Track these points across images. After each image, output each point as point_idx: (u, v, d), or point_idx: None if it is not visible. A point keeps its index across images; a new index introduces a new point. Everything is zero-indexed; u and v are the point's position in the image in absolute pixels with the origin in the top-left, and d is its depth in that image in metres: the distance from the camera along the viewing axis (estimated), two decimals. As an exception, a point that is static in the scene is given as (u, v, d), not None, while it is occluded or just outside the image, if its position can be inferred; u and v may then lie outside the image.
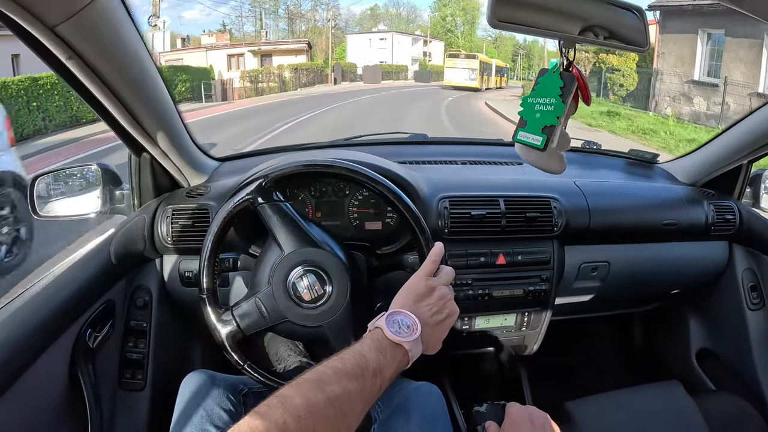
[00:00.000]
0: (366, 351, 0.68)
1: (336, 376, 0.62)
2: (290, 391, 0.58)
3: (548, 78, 0.80)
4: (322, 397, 0.58)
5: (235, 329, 0.95)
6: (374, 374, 0.66)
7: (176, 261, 1.29)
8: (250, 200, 0.98)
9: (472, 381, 1.59)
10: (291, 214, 1.00)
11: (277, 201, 0.99)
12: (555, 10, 0.75)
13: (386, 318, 0.76)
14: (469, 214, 1.29)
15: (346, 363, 0.65)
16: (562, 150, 0.84)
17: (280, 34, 49.27)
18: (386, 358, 0.70)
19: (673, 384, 1.32)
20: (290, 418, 0.54)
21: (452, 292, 0.88)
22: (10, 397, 0.85)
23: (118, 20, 0.88)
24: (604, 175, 1.62)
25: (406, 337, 0.74)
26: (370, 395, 0.65)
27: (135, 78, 0.99)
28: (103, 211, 1.31)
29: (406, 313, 0.78)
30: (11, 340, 0.87)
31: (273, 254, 1.00)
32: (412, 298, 0.82)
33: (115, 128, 1.12)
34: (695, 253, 1.54)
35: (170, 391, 1.10)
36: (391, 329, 0.74)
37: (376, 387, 0.66)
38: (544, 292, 1.37)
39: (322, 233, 1.03)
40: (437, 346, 0.85)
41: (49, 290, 1.01)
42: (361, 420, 0.64)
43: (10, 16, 0.74)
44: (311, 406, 0.57)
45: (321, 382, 0.60)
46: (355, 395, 0.62)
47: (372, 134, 1.72)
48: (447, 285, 0.89)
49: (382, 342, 0.72)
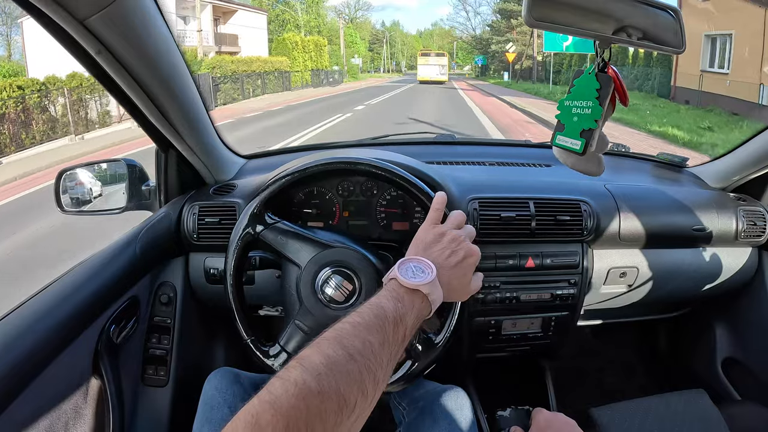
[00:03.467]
0: (383, 302, 0.64)
1: (355, 330, 0.57)
2: (309, 352, 0.53)
3: (584, 80, 0.76)
4: (343, 352, 0.54)
5: (286, 357, 0.94)
6: (395, 323, 0.62)
7: (202, 258, 1.27)
8: (250, 233, 0.96)
9: (496, 385, 1.55)
10: (290, 228, 0.98)
11: (272, 224, 0.97)
12: (590, 9, 0.71)
13: (398, 267, 0.71)
14: (499, 216, 1.25)
15: (365, 316, 0.60)
16: (601, 152, 0.81)
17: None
18: (405, 305, 0.66)
19: (699, 393, 1.28)
20: (309, 376, 0.49)
21: (466, 235, 0.82)
22: (33, 390, 0.83)
23: (149, 14, 0.85)
24: (633, 178, 1.56)
25: (421, 280, 0.69)
26: (394, 345, 0.61)
27: (164, 73, 0.96)
28: (128, 207, 1.30)
29: (419, 258, 0.74)
30: (36, 333, 0.86)
31: (293, 273, 0.98)
32: (422, 247, 0.78)
33: (143, 124, 1.10)
34: (724, 260, 1.48)
35: (193, 387, 1.08)
36: (405, 276, 0.69)
37: (399, 336, 0.62)
38: (572, 297, 1.33)
39: (328, 234, 1.01)
40: (462, 291, 0.80)
41: (74, 285, 0.99)
42: (389, 374, 0.60)
43: (40, 8, 0.72)
44: (331, 362, 0.52)
45: (340, 338, 0.56)
46: (378, 347, 0.57)
47: (399, 134, 1.69)
48: (458, 228, 0.83)
49: (398, 290, 0.68)
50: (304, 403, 0.48)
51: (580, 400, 1.28)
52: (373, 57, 76.70)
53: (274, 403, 0.47)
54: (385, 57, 78.11)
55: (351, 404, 0.51)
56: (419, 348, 0.91)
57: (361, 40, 67.00)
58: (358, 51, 60.81)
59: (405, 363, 0.93)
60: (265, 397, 0.48)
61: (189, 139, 1.16)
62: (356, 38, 62.40)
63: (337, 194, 1.29)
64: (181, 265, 1.29)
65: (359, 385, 0.53)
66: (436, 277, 0.71)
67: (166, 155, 1.24)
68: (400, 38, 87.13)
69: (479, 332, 1.34)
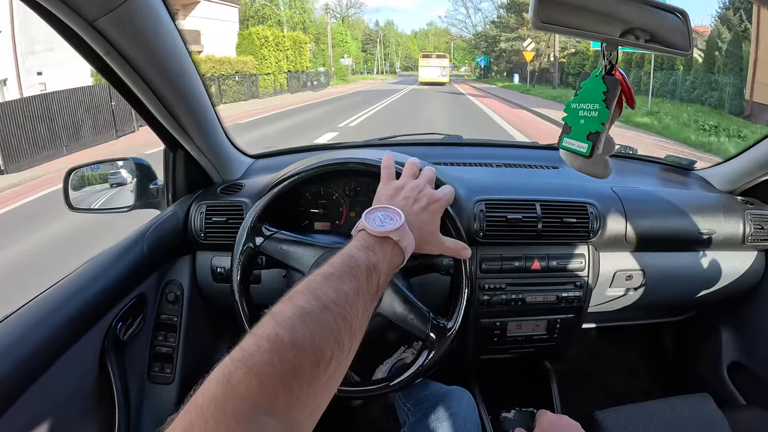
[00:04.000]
0: (353, 251, 0.63)
1: (327, 281, 0.56)
2: (281, 306, 0.51)
3: (591, 82, 0.75)
4: (316, 303, 0.52)
5: None
6: (368, 272, 0.61)
7: (208, 256, 1.28)
8: (251, 247, 0.96)
9: (499, 386, 1.55)
10: (288, 237, 0.97)
11: (270, 235, 0.97)
12: (597, 11, 0.71)
13: (365, 216, 0.70)
14: (505, 217, 1.25)
15: (336, 266, 0.59)
16: (607, 155, 0.80)
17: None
18: (376, 254, 0.64)
19: (703, 397, 1.27)
20: (282, 329, 0.47)
21: (426, 180, 0.82)
22: (41, 385, 0.83)
23: (157, 15, 0.85)
24: (640, 180, 1.55)
25: (390, 226, 0.68)
26: (369, 294, 0.59)
27: (172, 74, 0.96)
28: (136, 206, 1.31)
29: (385, 206, 0.73)
30: (45, 329, 0.86)
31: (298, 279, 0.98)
32: (384, 201, 0.77)
33: (152, 124, 1.10)
34: (731, 264, 1.47)
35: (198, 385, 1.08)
36: (374, 224, 0.68)
37: (373, 284, 0.61)
38: (578, 299, 1.32)
39: (327, 237, 1.01)
40: (432, 238, 0.79)
41: (82, 282, 0.99)
42: (365, 325, 0.58)
43: (49, 9, 0.72)
44: (305, 314, 0.50)
45: (313, 289, 0.54)
46: (352, 296, 0.56)
47: (406, 134, 1.69)
48: (414, 177, 0.83)
49: (368, 240, 0.67)
50: (278, 358, 0.46)
51: (584, 403, 1.27)
52: (366, 58, 73.37)
53: (246, 360, 0.45)
54: (379, 57, 76.09)
55: (327, 357, 0.49)
56: (433, 336, 0.91)
57: (353, 40, 63.49)
58: (349, 50, 56.53)
59: (422, 353, 0.93)
60: (238, 355, 0.46)
61: (197, 139, 1.16)
62: (347, 37, 57.93)
63: (344, 195, 1.29)
64: (187, 264, 1.29)
65: (335, 335, 0.51)
66: (404, 222, 0.70)
67: (174, 154, 1.24)
68: (394, 38, 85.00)
69: (484, 334, 1.34)
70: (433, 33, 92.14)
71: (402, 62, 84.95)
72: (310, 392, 0.48)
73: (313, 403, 0.49)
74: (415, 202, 0.77)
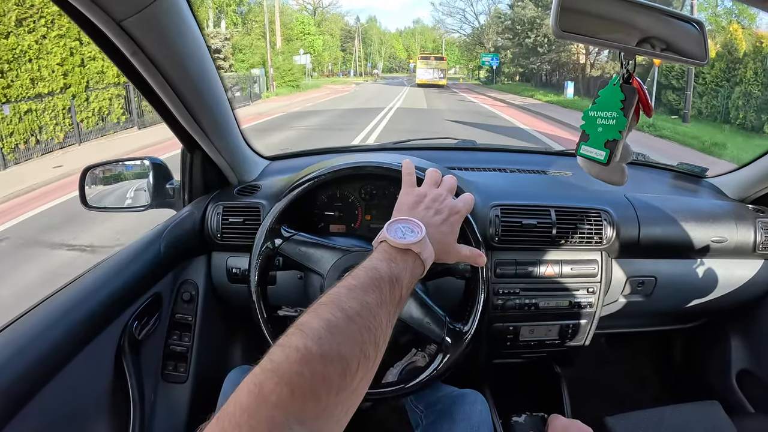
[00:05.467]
0: (376, 263, 0.63)
1: (351, 293, 0.56)
2: (307, 318, 0.52)
3: (609, 91, 0.76)
4: (341, 315, 0.52)
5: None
6: (390, 283, 0.61)
7: (224, 257, 1.28)
8: (269, 248, 0.96)
9: (511, 390, 1.54)
10: (308, 239, 0.97)
11: (289, 236, 0.97)
12: (616, 20, 0.72)
13: (387, 229, 0.70)
14: (520, 223, 1.25)
15: (359, 278, 0.59)
16: (624, 162, 0.80)
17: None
18: (398, 265, 0.65)
19: (712, 404, 1.27)
20: (310, 341, 0.48)
21: (447, 190, 0.81)
22: (57, 383, 0.83)
23: (183, 17, 0.85)
24: (652, 187, 1.55)
25: (411, 239, 0.68)
26: (391, 305, 0.60)
27: (194, 75, 0.96)
28: (152, 205, 1.31)
29: (407, 218, 0.73)
30: (63, 326, 0.86)
31: (316, 281, 0.98)
32: (406, 210, 0.77)
33: (171, 124, 1.10)
34: (741, 272, 1.46)
35: (211, 384, 1.08)
36: (395, 236, 0.68)
37: (395, 296, 0.61)
38: (590, 305, 1.32)
39: (345, 240, 1.01)
40: (450, 248, 0.78)
41: (101, 280, 0.99)
42: (389, 334, 0.59)
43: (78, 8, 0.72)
44: (331, 326, 0.51)
45: (337, 302, 0.54)
46: (375, 307, 0.56)
47: (421, 139, 1.69)
48: (436, 185, 0.82)
49: (390, 252, 0.67)
50: (307, 368, 0.47)
51: (594, 408, 1.27)
52: (346, 58, 62.55)
53: (276, 370, 0.46)
54: (356, 57, 63.12)
55: (353, 367, 0.50)
56: (449, 340, 0.90)
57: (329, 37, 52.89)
58: (313, 46, 42.36)
59: (437, 356, 0.92)
60: (267, 365, 0.47)
61: (215, 140, 1.16)
62: (309, 27, 44.62)
63: (360, 198, 1.29)
64: (203, 264, 1.29)
65: (361, 346, 0.52)
66: (425, 235, 0.70)
67: (191, 155, 1.25)
68: (377, 36, 75.04)
69: (497, 338, 1.34)
70: (419, 31, 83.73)
71: (385, 63, 74.66)
72: (338, 401, 0.49)
73: (341, 412, 0.49)
74: (436, 214, 0.76)
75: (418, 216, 0.74)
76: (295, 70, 29.29)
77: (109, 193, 1.34)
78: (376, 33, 75.05)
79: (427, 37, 79.25)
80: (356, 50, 61.64)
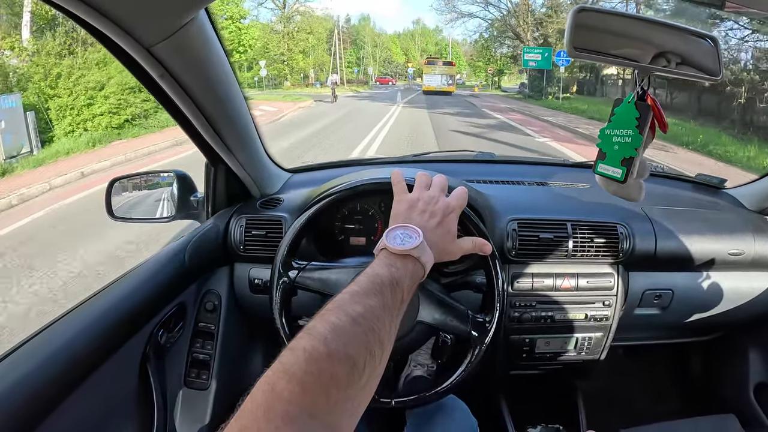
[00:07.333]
0: (377, 269, 0.67)
1: (354, 298, 0.60)
2: (314, 323, 0.56)
3: (624, 108, 0.76)
4: (346, 318, 0.56)
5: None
6: (392, 287, 0.65)
7: (246, 268, 1.29)
8: (285, 281, 0.96)
9: (527, 402, 1.54)
10: (318, 266, 0.98)
11: (301, 268, 0.97)
12: (630, 38, 0.72)
13: (386, 236, 0.73)
14: (537, 237, 1.25)
15: (362, 284, 0.63)
16: (642, 178, 0.80)
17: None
18: (398, 270, 0.68)
19: (729, 418, 1.26)
20: (317, 342, 0.52)
21: (438, 190, 0.83)
22: (85, 388, 0.85)
23: (209, 40, 0.87)
24: (670, 200, 1.53)
25: (410, 244, 0.71)
26: (393, 308, 0.64)
27: (220, 95, 0.98)
28: (177, 217, 1.33)
29: (404, 225, 0.76)
30: (91, 334, 0.88)
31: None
32: (401, 217, 0.79)
33: (197, 140, 1.12)
34: (760, 284, 1.43)
35: (232, 391, 1.10)
36: (394, 243, 0.72)
37: (397, 299, 0.65)
38: (606, 318, 1.31)
39: (357, 259, 1.01)
40: (451, 247, 0.81)
41: (128, 290, 1.01)
42: (394, 334, 0.63)
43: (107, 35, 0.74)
44: (337, 328, 0.54)
45: (342, 306, 0.58)
46: (378, 310, 0.60)
47: (439, 151, 1.70)
48: (427, 188, 0.84)
49: (390, 258, 0.70)
50: (316, 367, 0.50)
51: (610, 421, 1.26)
52: (334, 63, 47.01)
53: (287, 371, 0.49)
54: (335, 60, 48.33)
55: (360, 365, 0.53)
56: (475, 334, 0.91)
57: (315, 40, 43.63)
58: (238, 39, 32.73)
59: (468, 351, 0.93)
60: (278, 366, 0.50)
61: (239, 155, 1.18)
62: (247, 36, 34.51)
63: (380, 211, 1.30)
64: (226, 274, 1.31)
65: (366, 346, 0.55)
66: (423, 240, 0.73)
67: (215, 169, 1.27)
68: (370, 38, 64.27)
69: (514, 350, 1.34)
70: (419, 33, 74.92)
71: (379, 68, 62.47)
72: (347, 397, 0.52)
73: (351, 407, 0.53)
74: (431, 217, 0.79)
75: (414, 222, 0.77)
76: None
77: (134, 204, 1.37)
78: (369, 34, 64.76)
79: (429, 39, 73.97)
80: (335, 51, 48.11)
